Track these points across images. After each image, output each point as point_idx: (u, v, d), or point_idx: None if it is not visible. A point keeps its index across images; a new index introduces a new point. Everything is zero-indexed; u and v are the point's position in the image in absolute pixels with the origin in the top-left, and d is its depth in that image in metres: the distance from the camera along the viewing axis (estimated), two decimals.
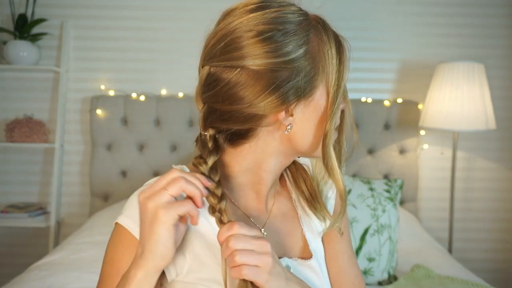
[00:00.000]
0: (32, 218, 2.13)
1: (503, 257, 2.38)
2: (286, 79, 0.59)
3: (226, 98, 0.60)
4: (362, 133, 2.24)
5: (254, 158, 0.67)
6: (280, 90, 0.59)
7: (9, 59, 2.14)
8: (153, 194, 0.56)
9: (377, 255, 1.60)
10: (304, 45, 0.60)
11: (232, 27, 0.60)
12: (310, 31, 0.62)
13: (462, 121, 1.94)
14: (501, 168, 2.35)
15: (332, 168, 0.65)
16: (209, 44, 0.62)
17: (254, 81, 0.58)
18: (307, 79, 0.60)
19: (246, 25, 0.59)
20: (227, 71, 0.59)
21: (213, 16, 0.66)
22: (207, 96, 0.62)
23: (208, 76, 0.61)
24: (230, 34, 0.59)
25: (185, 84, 2.27)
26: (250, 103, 0.59)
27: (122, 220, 0.65)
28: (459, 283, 1.47)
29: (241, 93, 0.59)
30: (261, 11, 0.60)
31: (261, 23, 0.59)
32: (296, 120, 0.63)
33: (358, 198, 1.69)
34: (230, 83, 0.59)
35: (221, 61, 0.59)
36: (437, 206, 2.33)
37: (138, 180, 2.19)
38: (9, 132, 2.16)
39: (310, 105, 0.63)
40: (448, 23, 2.31)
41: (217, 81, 0.60)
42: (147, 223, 0.56)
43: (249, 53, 0.58)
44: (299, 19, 0.61)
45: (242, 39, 0.58)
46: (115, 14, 2.27)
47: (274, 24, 0.59)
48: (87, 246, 1.66)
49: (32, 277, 1.44)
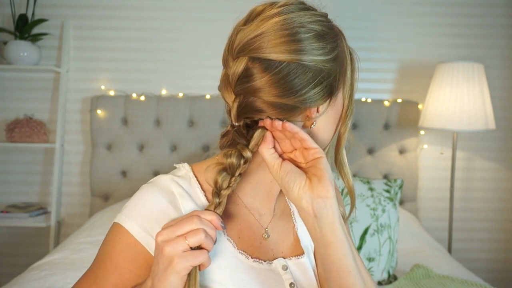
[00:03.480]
0: (33, 218, 2.13)
1: (503, 257, 2.38)
2: (325, 76, 0.62)
3: (271, 87, 0.59)
4: (362, 133, 2.24)
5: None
6: (322, 85, 0.62)
7: (10, 59, 2.14)
8: (172, 240, 0.56)
9: (377, 255, 1.60)
10: (337, 48, 0.64)
11: (285, 20, 0.60)
12: (338, 36, 0.66)
13: (461, 121, 1.94)
14: (500, 168, 2.35)
15: (343, 166, 0.71)
16: (249, 36, 0.60)
17: (302, 73, 0.60)
18: (336, 79, 0.64)
19: (298, 21, 0.61)
20: (274, 63, 0.59)
21: (213, 16, 0.66)
22: (247, 87, 0.61)
23: (246, 67, 0.60)
24: (285, 27, 0.60)
25: (185, 84, 2.27)
26: (298, 92, 0.60)
27: (123, 221, 0.65)
28: (458, 283, 1.47)
29: (293, 82, 0.60)
30: (311, 11, 0.64)
31: (313, 22, 0.62)
32: (320, 117, 0.65)
33: (358, 198, 1.69)
34: (281, 72, 0.59)
35: (276, 52, 0.59)
36: (437, 206, 2.34)
37: (138, 180, 2.19)
38: (10, 132, 2.16)
39: (334, 105, 0.66)
40: (448, 23, 2.31)
41: (262, 71, 0.59)
42: (161, 266, 0.57)
43: (305, 47, 0.60)
44: (330, 24, 0.66)
45: (299, 34, 0.60)
46: (115, 14, 2.27)
47: (321, 25, 0.63)
48: (87, 246, 1.66)
49: (32, 277, 1.44)
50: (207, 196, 0.68)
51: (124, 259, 0.64)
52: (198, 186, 0.69)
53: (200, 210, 0.60)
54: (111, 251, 0.65)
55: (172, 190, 0.66)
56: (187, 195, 0.67)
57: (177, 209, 0.65)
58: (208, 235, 0.57)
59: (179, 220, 0.58)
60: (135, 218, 0.64)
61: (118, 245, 0.65)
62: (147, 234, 0.64)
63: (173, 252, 0.56)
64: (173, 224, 0.58)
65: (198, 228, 0.57)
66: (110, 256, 0.65)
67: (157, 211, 0.64)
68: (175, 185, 0.67)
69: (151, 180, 0.69)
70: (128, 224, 0.64)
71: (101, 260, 0.66)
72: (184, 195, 0.66)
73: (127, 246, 0.64)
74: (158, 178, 0.68)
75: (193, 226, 0.57)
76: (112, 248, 0.65)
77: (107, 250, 0.66)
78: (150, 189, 0.66)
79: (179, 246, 0.56)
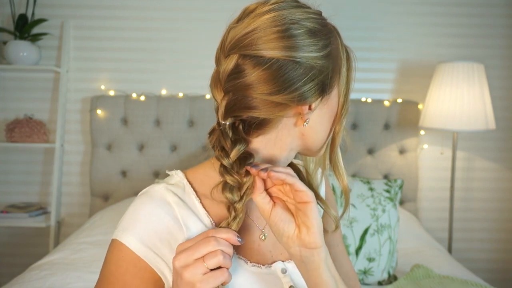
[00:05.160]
0: (33, 218, 2.13)
1: (503, 257, 2.38)
2: (317, 73, 0.62)
3: (262, 83, 0.59)
4: (362, 133, 2.24)
5: (266, 153, 0.67)
6: (314, 82, 0.62)
7: (10, 59, 2.14)
8: (190, 265, 0.55)
9: (377, 255, 1.60)
10: (330, 45, 0.64)
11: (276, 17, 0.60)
12: (332, 34, 0.65)
13: (462, 121, 1.94)
14: (500, 168, 2.35)
15: (338, 165, 0.71)
16: (240, 34, 0.60)
17: (293, 69, 0.60)
18: (329, 77, 0.64)
19: (290, 18, 0.61)
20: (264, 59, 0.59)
21: (213, 16, 0.66)
22: (236, 84, 0.60)
23: (237, 64, 0.60)
24: (276, 24, 0.60)
25: (185, 84, 2.27)
26: (289, 89, 0.60)
27: (121, 237, 0.63)
28: (458, 283, 1.47)
29: (284, 78, 0.59)
30: (304, 8, 0.63)
31: (305, 18, 0.62)
32: (314, 115, 0.65)
33: (358, 198, 1.69)
34: (271, 68, 0.59)
35: (267, 49, 0.59)
36: (437, 206, 2.34)
37: (138, 180, 2.19)
38: (10, 132, 2.16)
39: (327, 103, 0.66)
40: (448, 23, 2.31)
41: (253, 67, 0.59)
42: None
43: (297, 44, 0.59)
44: (323, 22, 0.65)
45: (290, 30, 0.60)
46: (115, 14, 2.27)
47: (313, 22, 0.62)
48: (87, 246, 1.66)
49: (32, 277, 1.44)
50: (203, 202, 0.67)
51: (131, 277, 0.63)
52: (193, 193, 0.67)
53: (215, 229, 0.59)
54: (116, 271, 0.63)
55: (167, 199, 0.65)
56: (182, 203, 0.65)
57: (175, 218, 0.64)
58: (226, 254, 0.57)
59: (195, 242, 0.57)
60: (133, 233, 0.63)
61: (122, 264, 0.63)
62: (147, 248, 0.62)
63: (193, 277, 0.55)
64: (189, 247, 0.57)
65: (216, 250, 0.56)
66: (116, 276, 0.63)
67: (154, 222, 0.63)
68: (169, 193, 0.65)
69: (143, 190, 0.67)
70: (127, 240, 0.63)
71: (107, 282, 0.64)
72: (180, 203, 0.65)
73: (132, 264, 0.62)
74: (151, 188, 0.66)
75: (210, 248, 0.56)
76: (117, 267, 0.63)
77: (112, 270, 0.64)
78: (144, 200, 0.65)
79: (198, 270, 0.55)
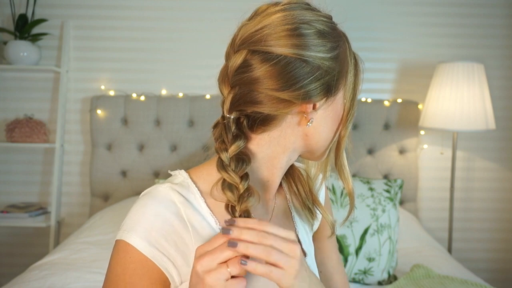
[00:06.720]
0: (33, 218, 2.13)
1: (503, 257, 2.38)
2: (323, 74, 0.63)
3: (268, 79, 0.60)
4: (362, 133, 2.24)
5: (270, 152, 0.67)
6: (320, 82, 0.63)
7: (10, 59, 2.14)
8: (214, 270, 0.54)
9: (377, 255, 1.60)
10: (338, 48, 0.65)
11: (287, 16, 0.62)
12: (341, 38, 0.67)
13: (461, 121, 1.94)
14: (500, 168, 2.35)
15: (344, 169, 0.72)
16: (250, 30, 0.62)
17: (300, 67, 0.61)
18: (335, 79, 0.64)
19: (301, 18, 0.62)
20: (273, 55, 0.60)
21: (213, 16, 0.66)
22: (243, 78, 0.62)
23: (245, 59, 0.62)
24: (286, 22, 0.61)
25: (185, 84, 2.27)
26: (294, 86, 0.61)
27: (127, 237, 0.62)
28: (458, 282, 1.47)
29: (290, 75, 0.60)
30: (315, 11, 0.65)
31: (315, 20, 0.63)
32: (318, 116, 0.66)
33: (358, 198, 1.69)
34: (278, 64, 0.60)
35: (276, 46, 0.60)
36: (437, 206, 2.34)
37: (138, 180, 2.19)
38: (10, 132, 2.16)
39: (332, 105, 0.66)
40: (448, 23, 2.31)
41: (261, 62, 0.60)
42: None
43: (306, 42, 0.61)
44: (333, 25, 0.67)
45: (300, 29, 0.61)
46: (115, 14, 2.27)
47: (323, 24, 0.64)
48: (87, 246, 1.66)
49: (32, 277, 1.44)
50: (207, 202, 0.66)
51: (139, 278, 0.61)
52: (198, 193, 0.66)
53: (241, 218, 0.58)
54: (123, 273, 0.62)
55: (173, 199, 0.64)
56: (188, 202, 0.64)
57: (180, 218, 0.63)
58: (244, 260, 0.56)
59: (214, 244, 0.56)
60: (139, 233, 0.61)
61: (130, 265, 0.61)
62: (154, 248, 0.61)
63: (216, 283, 0.54)
64: (211, 250, 0.55)
65: (236, 256, 0.55)
66: (124, 278, 0.61)
67: (160, 222, 0.62)
68: (175, 193, 0.64)
69: (147, 190, 0.66)
70: (133, 240, 0.61)
71: (115, 285, 0.62)
72: (185, 203, 0.64)
73: (140, 264, 0.61)
74: (155, 188, 0.65)
75: (233, 253, 0.55)
76: (124, 269, 0.62)
77: (119, 272, 0.62)
78: (149, 200, 0.64)
79: (222, 276, 0.54)
